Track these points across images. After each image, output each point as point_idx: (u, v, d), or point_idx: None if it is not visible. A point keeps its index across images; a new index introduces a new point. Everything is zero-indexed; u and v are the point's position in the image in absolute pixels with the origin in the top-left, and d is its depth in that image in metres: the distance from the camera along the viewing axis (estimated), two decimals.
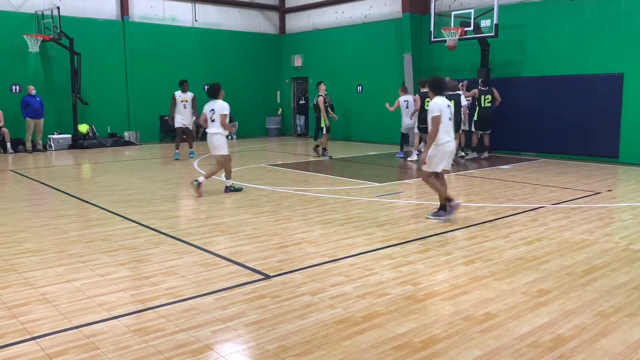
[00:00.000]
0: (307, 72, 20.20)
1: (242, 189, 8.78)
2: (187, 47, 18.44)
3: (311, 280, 4.48)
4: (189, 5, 18.68)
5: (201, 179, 8.22)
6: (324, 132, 13.52)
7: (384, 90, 17.48)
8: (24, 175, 10.66)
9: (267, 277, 4.59)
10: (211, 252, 5.30)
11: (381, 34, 17.43)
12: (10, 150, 14.64)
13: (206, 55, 18.92)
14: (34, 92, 14.80)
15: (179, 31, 18.35)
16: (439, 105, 6.44)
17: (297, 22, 20.66)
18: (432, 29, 14.54)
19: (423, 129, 11.81)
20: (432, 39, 14.61)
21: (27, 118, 14.67)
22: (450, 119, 6.57)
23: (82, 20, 16.20)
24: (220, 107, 8.32)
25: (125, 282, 4.50)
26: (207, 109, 8.43)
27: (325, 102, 13.27)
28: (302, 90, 20.75)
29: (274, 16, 20.97)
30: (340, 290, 4.25)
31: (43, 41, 15.12)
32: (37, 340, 3.38)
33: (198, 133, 18.38)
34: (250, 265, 4.90)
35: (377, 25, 17.59)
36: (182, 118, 13.50)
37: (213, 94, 8.44)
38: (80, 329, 3.55)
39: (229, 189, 8.52)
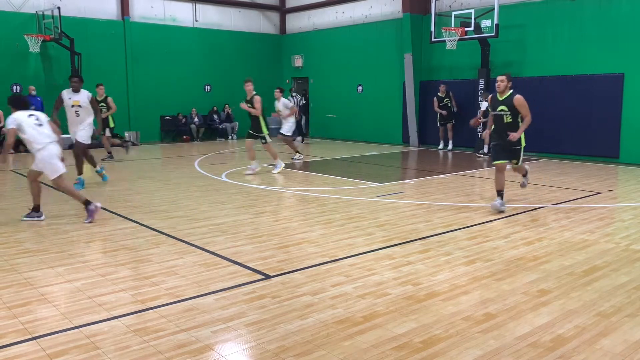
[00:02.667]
0: (307, 72, 20.21)
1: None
2: (187, 47, 18.45)
3: (311, 281, 4.48)
4: (189, 5, 18.68)
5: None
6: (265, 141, 10.50)
7: (384, 90, 17.50)
8: (24, 176, 10.64)
9: (268, 277, 4.59)
10: (211, 252, 5.30)
11: (381, 34, 17.44)
12: (11, 150, 14.61)
13: (207, 55, 18.92)
14: (34, 92, 14.80)
15: (179, 31, 18.36)
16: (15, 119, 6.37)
17: (297, 22, 20.67)
18: (432, 29, 14.54)
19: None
20: (433, 39, 14.61)
21: None
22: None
23: (82, 20, 16.21)
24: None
25: (126, 282, 4.50)
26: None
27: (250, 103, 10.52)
28: (303, 90, 20.75)
29: (275, 16, 20.97)
30: (340, 291, 4.25)
31: (44, 41, 15.13)
32: (37, 340, 3.38)
33: (198, 133, 18.38)
34: (250, 265, 4.90)
35: (378, 25, 17.59)
36: (74, 130, 9.10)
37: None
38: (80, 329, 3.55)
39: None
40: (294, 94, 17.96)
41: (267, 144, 10.58)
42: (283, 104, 12.77)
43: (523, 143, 7.41)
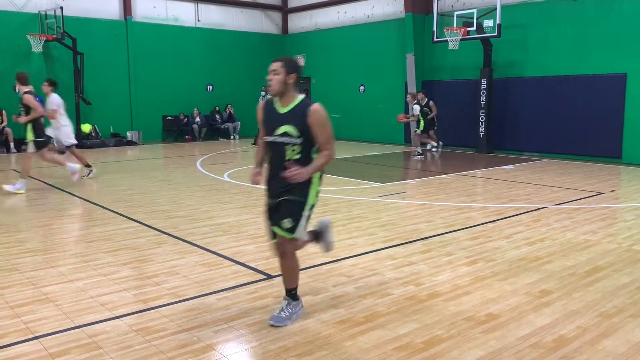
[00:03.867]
0: (309, 72, 20.20)
1: None
2: (189, 47, 18.47)
3: (313, 281, 4.48)
4: (191, 5, 18.70)
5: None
6: None
7: (386, 90, 17.50)
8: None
9: (269, 277, 4.59)
10: (213, 252, 5.30)
11: (384, 34, 17.44)
12: (14, 150, 14.67)
13: (209, 55, 18.94)
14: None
15: (181, 31, 18.38)
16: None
17: (299, 22, 20.67)
18: (434, 29, 14.53)
19: None
20: (435, 39, 14.60)
21: None
22: None
23: (85, 20, 16.24)
24: None
25: (128, 281, 4.50)
26: None
27: None
28: (304, 90, 20.76)
29: (277, 16, 20.98)
30: (342, 291, 4.25)
31: (46, 41, 15.16)
32: (39, 339, 3.39)
33: (200, 132, 18.40)
34: (252, 265, 4.90)
35: (380, 25, 17.59)
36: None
37: None
38: (82, 328, 3.56)
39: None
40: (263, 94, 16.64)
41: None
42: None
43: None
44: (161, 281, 4.48)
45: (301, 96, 3.61)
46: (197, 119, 18.43)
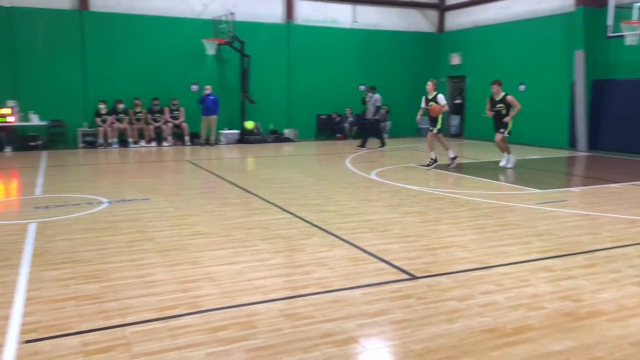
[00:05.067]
0: (464, 71, 19.57)
1: None
2: (345, 48, 18.96)
3: (459, 286, 4.36)
4: (349, 7, 19.18)
5: None
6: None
7: (549, 90, 16.27)
8: (198, 166, 11.88)
9: (414, 277, 4.56)
10: (359, 248, 5.41)
11: (549, 29, 16.21)
12: (188, 143, 16.40)
13: (363, 55, 19.28)
14: (207, 91, 16.38)
15: (338, 33, 18.94)
16: None
17: (456, 20, 20.10)
18: (610, 22, 13.15)
19: None
20: (609, 34, 13.21)
21: (202, 115, 16.33)
22: None
23: (252, 24, 17.51)
24: None
25: (280, 268, 4.80)
26: None
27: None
28: (459, 89, 20.16)
29: (434, 14, 20.63)
30: (490, 299, 4.08)
31: (219, 45, 16.67)
32: (203, 314, 3.77)
33: (351, 131, 18.80)
34: (397, 264, 4.91)
35: (545, 20, 16.39)
36: None
37: None
38: (240, 307, 3.88)
39: None
40: (370, 94, 15.84)
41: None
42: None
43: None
44: (310, 271, 4.70)
45: None
46: (349, 119, 18.88)
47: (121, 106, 15.67)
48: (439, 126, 11.55)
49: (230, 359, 3.14)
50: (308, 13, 18.62)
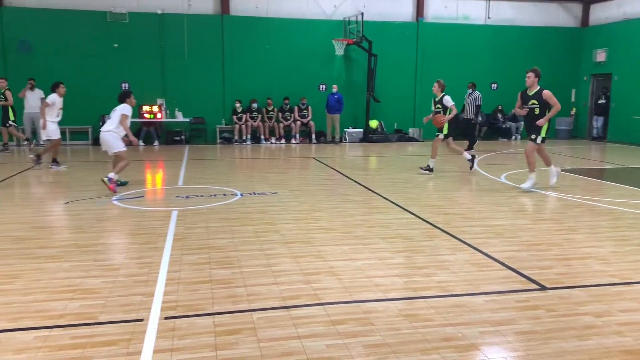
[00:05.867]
0: (610, 68, 17.91)
1: (127, 182, 8.94)
2: (476, 46, 18.29)
3: (595, 300, 4.02)
4: (482, 3, 18.45)
5: (111, 175, 8.19)
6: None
7: None
8: (323, 163, 12.21)
9: (544, 288, 4.29)
10: (484, 253, 5.21)
11: None
12: (315, 141, 16.90)
13: (496, 52, 18.45)
14: (334, 90, 16.75)
15: (470, 29, 18.32)
16: None
17: (603, 13, 18.44)
18: None
19: None
20: None
21: (327, 113, 16.77)
22: None
23: (381, 23, 17.55)
24: (121, 108, 8.61)
25: (400, 268, 4.78)
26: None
27: None
28: (603, 88, 18.48)
29: (576, 8, 19.13)
30: (631, 318, 3.71)
31: (347, 45, 16.96)
32: (324, 306, 3.88)
33: (480, 131, 18.09)
34: (525, 273, 4.65)
35: None
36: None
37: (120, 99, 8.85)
38: (358, 303, 3.94)
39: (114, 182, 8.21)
40: (469, 91, 14.91)
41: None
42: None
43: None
44: (430, 273, 4.63)
45: None
46: (479, 118, 18.14)
47: (255, 105, 16.59)
48: (445, 132, 10.50)
49: (348, 352, 3.20)
50: (439, 10, 18.24)
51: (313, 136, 16.95)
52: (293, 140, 16.78)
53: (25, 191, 8.91)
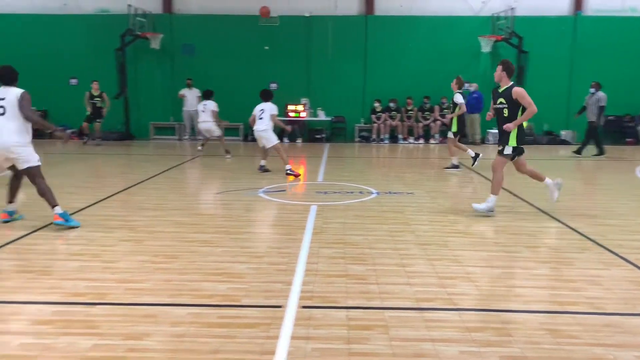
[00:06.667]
0: None
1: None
2: None
3: None
4: None
5: (287, 167, 9.53)
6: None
7: None
8: (461, 164, 11.81)
9: None
10: None
11: None
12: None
13: None
14: (472, 88, 16.09)
15: (637, 22, 16.44)
16: None
17: None
18: None
19: None
20: None
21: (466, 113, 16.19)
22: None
23: (534, 18, 16.47)
24: (269, 108, 9.83)
25: (544, 280, 4.48)
26: (256, 109, 9.95)
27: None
28: None
29: None
30: None
31: (495, 41, 16.19)
32: (459, 312, 3.77)
33: None
34: None
35: None
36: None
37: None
38: (496, 312, 3.77)
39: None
40: (592, 90, 13.36)
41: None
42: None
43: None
44: (579, 287, 4.27)
45: None
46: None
47: (393, 104, 16.56)
48: (454, 129, 10.81)
49: None
50: (601, 2, 16.63)
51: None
52: (432, 140, 16.45)
53: (185, 180, 9.87)
